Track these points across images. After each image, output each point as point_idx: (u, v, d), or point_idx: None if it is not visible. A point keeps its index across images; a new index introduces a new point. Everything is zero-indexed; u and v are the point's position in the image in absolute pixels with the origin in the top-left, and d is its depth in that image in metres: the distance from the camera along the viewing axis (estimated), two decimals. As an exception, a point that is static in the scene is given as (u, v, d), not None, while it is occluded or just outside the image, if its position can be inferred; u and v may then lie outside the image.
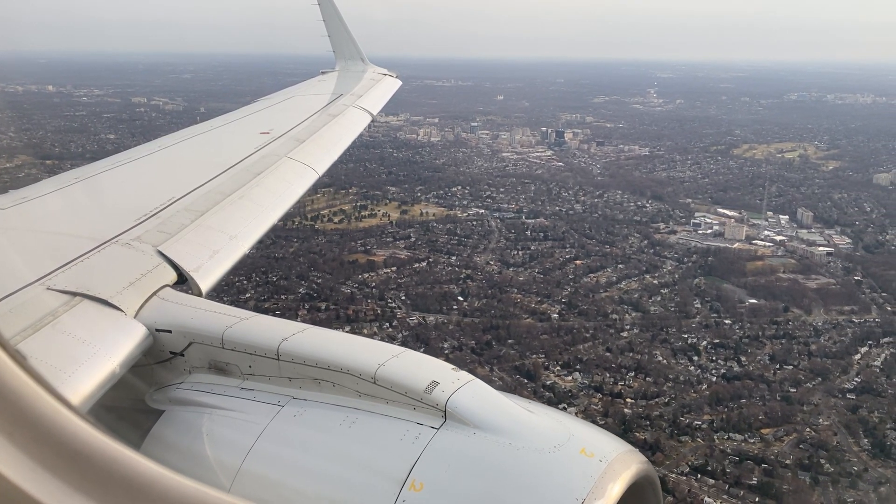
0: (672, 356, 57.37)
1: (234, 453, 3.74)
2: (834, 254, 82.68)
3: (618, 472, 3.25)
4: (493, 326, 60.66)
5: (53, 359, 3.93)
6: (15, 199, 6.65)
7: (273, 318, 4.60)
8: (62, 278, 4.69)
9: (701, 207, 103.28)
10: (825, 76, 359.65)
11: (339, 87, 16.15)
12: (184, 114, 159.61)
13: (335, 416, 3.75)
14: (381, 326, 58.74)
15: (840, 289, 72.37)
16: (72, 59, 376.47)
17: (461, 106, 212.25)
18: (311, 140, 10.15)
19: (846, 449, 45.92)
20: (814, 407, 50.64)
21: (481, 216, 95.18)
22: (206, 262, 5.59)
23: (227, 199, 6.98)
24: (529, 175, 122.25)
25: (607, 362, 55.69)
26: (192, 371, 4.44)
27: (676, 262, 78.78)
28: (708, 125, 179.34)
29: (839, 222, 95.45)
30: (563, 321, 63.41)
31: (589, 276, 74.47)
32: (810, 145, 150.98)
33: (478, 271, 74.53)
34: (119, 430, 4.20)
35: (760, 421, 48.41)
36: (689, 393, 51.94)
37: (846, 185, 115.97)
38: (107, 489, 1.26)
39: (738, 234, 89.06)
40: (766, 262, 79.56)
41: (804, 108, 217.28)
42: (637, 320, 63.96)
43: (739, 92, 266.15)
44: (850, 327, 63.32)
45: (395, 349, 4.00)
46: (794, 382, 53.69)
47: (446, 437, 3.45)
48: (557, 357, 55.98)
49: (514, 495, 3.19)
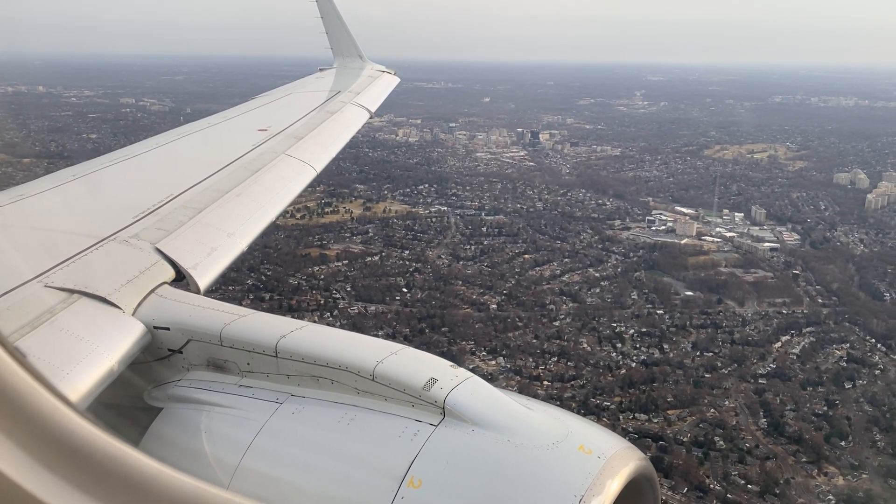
0: (598, 343, 59.88)
1: (233, 450, 3.77)
2: (779, 249, 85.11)
3: (616, 469, 3.28)
4: (430, 315, 63.26)
5: (52, 356, 3.93)
6: (13, 196, 6.70)
7: (272, 316, 4.65)
8: (60, 276, 4.70)
9: (659, 205, 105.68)
10: (817, 79, 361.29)
11: (338, 84, 16.26)
12: (169, 114, 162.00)
13: (334, 413, 3.77)
14: (322, 315, 61.26)
15: (776, 282, 74.83)
16: (68, 61, 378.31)
17: (447, 108, 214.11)
18: (310, 137, 10.20)
19: (743, 428, 48.45)
20: (723, 391, 53.12)
21: (442, 213, 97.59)
22: (204, 259, 5.64)
23: (225, 196, 7.05)
24: (499, 174, 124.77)
25: (533, 348, 58.23)
26: (190, 368, 4.47)
27: (622, 257, 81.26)
28: (685, 126, 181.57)
29: (792, 219, 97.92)
30: (500, 311, 65.92)
31: (535, 269, 76.92)
32: (781, 146, 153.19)
33: (427, 265, 77.09)
34: (118, 427, 4.16)
35: (668, 403, 50.93)
36: (605, 377, 54.46)
37: (807, 184, 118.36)
38: (105, 486, 1.25)
39: (689, 230, 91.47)
40: (709, 257, 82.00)
41: (785, 111, 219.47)
42: (572, 310, 66.46)
43: (725, 95, 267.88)
44: (777, 318, 65.77)
45: (394, 346, 4.03)
46: (711, 368, 56.20)
47: (445, 434, 3.47)
48: (486, 344, 58.53)
49: (513, 491, 3.22)
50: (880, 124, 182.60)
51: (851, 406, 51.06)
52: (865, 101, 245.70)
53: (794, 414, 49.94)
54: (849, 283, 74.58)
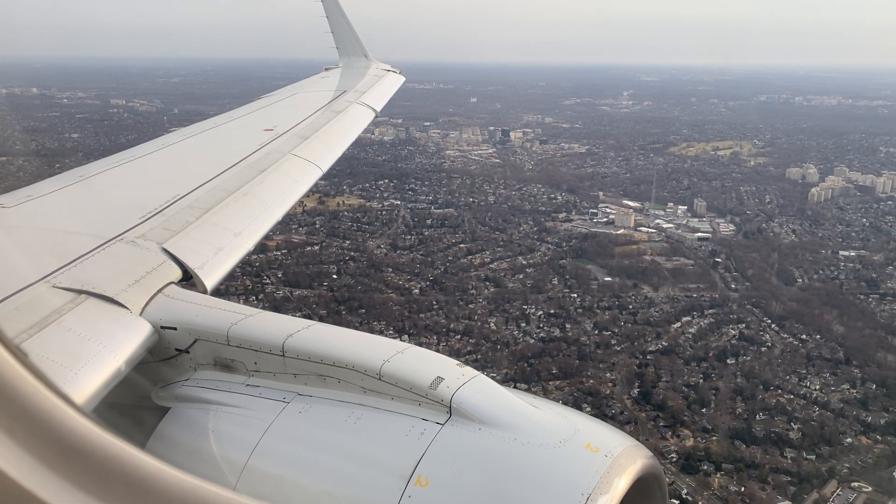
0: (504, 323, 63.48)
1: (240, 450, 3.82)
2: (710, 239, 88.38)
3: (623, 467, 3.31)
4: (350, 299, 67.03)
5: (59, 357, 3.95)
6: (18, 197, 6.73)
7: (278, 315, 4.69)
8: (67, 276, 4.75)
9: (608, 199, 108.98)
10: (810, 80, 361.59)
11: (343, 84, 16.30)
12: (156, 115, 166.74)
13: (340, 412, 3.82)
14: (247, 299, 65.07)
15: (695, 269, 78.23)
16: (69, 63, 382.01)
17: (432, 108, 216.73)
18: (315, 137, 10.32)
19: (615, 397, 51.97)
20: (610, 365, 56.60)
21: (395, 207, 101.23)
22: (211, 259, 5.68)
23: (232, 196, 7.10)
24: (462, 171, 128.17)
25: (441, 327, 61.91)
26: (197, 368, 4.52)
27: (554, 246, 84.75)
28: (660, 125, 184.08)
29: (732, 212, 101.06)
30: (421, 295, 69.64)
31: (467, 257, 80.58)
32: (748, 143, 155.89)
33: (364, 254, 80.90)
34: (125, 427, 4.50)
35: (552, 374, 54.52)
36: (501, 352, 58.05)
37: (760, 179, 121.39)
38: (107, 486, 1.25)
39: (627, 222, 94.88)
40: (638, 246, 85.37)
41: (766, 110, 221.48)
42: (491, 295, 70.07)
43: (713, 94, 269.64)
44: (684, 301, 69.14)
45: (400, 345, 4.07)
46: (604, 345, 59.69)
47: (451, 433, 3.51)
48: (396, 324, 62.23)
49: (520, 490, 3.25)
50: (853, 122, 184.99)
51: (726, 379, 54.45)
52: (849, 101, 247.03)
53: (666, 385, 53.38)
54: (765, 270, 77.81)
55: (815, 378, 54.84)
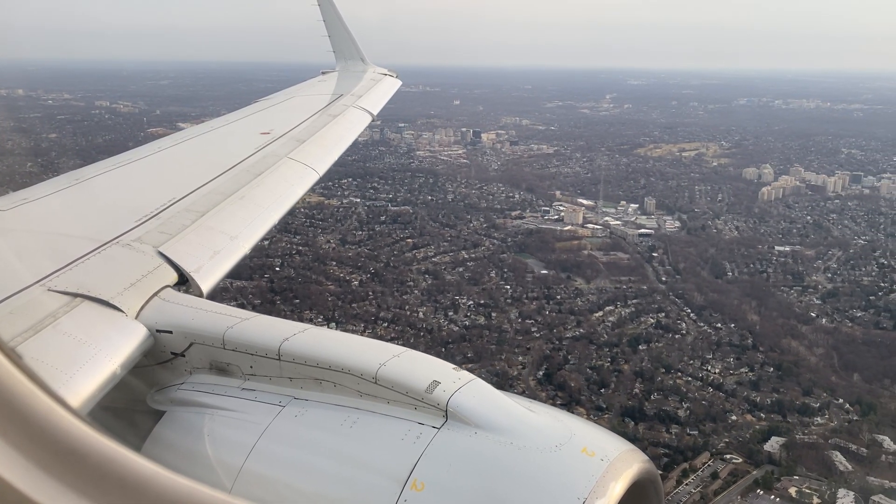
0: (434, 312, 66.19)
1: (236, 453, 3.83)
2: (651, 235, 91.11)
3: (619, 471, 3.32)
4: (287, 290, 69.73)
5: (54, 360, 3.95)
6: (15, 200, 6.72)
7: (274, 319, 4.71)
8: (63, 279, 4.76)
9: (564, 198, 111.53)
10: (796, 83, 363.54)
11: (340, 88, 16.32)
12: (137, 116, 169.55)
13: (336, 416, 3.83)
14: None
15: (630, 262, 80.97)
16: (62, 66, 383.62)
17: (414, 110, 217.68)
18: (312, 140, 10.35)
19: (521, 378, 54.66)
20: (524, 350, 59.31)
21: (353, 204, 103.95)
22: (207, 262, 5.69)
23: (228, 199, 7.12)
24: (428, 170, 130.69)
25: (370, 316, 64.62)
26: (193, 371, 4.53)
27: (499, 241, 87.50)
28: (634, 127, 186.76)
29: (681, 210, 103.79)
30: (359, 287, 72.35)
31: (412, 251, 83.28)
32: (714, 144, 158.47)
33: (311, 248, 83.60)
34: (120, 430, 4.54)
35: (467, 358, 57.14)
36: (424, 338, 60.69)
37: (717, 178, 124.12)
38: (102, 488, 1.24)
39: (576, 219, 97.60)
40: (580, 242, 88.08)
41: (743, 112, 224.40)
42: (427, 286, 72.78)
43: (695, 98, 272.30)
44: (611, 292, 71.88)
45: (396, 349, 4.08)
46: (523, 332, 62.38)
47: (447, 437, 3.51)
48: (327, 313, 64.92)
49: (516, 494, 3.26)
50: (825, 125, 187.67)
51: (632, 363, 57.18)
52: (827, 104, 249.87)
53: (572, 368, 56.10)
54: (698, 264, 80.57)
55: (718, 362, 57.61)
